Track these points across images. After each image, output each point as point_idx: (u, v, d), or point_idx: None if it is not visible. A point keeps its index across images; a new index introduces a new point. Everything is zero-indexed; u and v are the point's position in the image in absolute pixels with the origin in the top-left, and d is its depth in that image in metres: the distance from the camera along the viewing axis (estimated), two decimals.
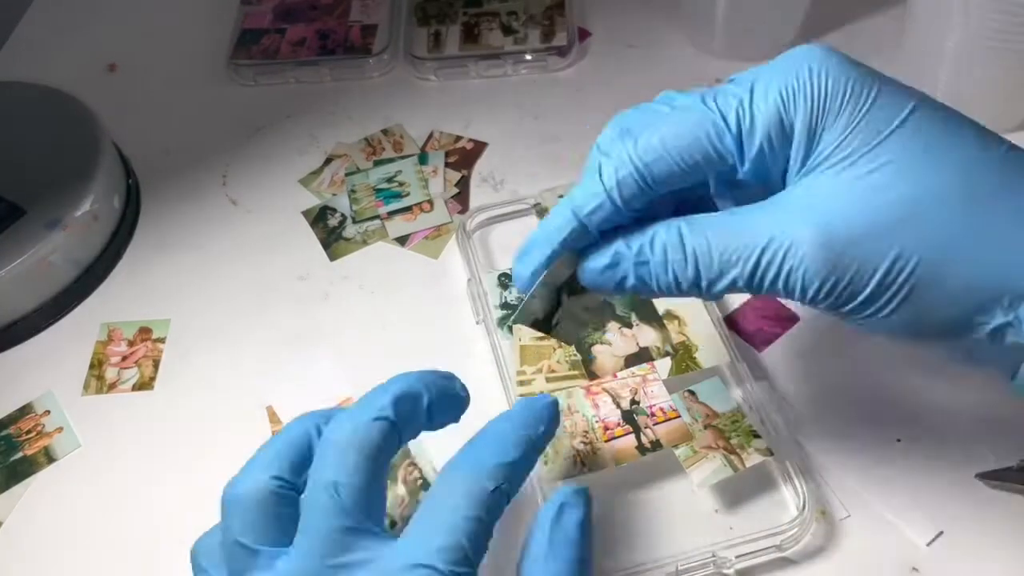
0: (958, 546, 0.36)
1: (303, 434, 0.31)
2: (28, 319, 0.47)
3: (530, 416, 0.32)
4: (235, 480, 0.31)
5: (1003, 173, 0.28)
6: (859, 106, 0.28)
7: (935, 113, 0.29)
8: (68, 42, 0.64)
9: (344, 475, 0.29)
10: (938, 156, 0.27)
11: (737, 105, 0.29)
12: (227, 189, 0.53)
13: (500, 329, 0.43)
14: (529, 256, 0.32)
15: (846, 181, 0.28)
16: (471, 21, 0.60)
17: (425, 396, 0.32)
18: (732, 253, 0.29)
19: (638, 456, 0.37)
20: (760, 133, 0.29)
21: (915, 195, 0.27)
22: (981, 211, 0.27)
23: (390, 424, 0.30)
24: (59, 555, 0.40)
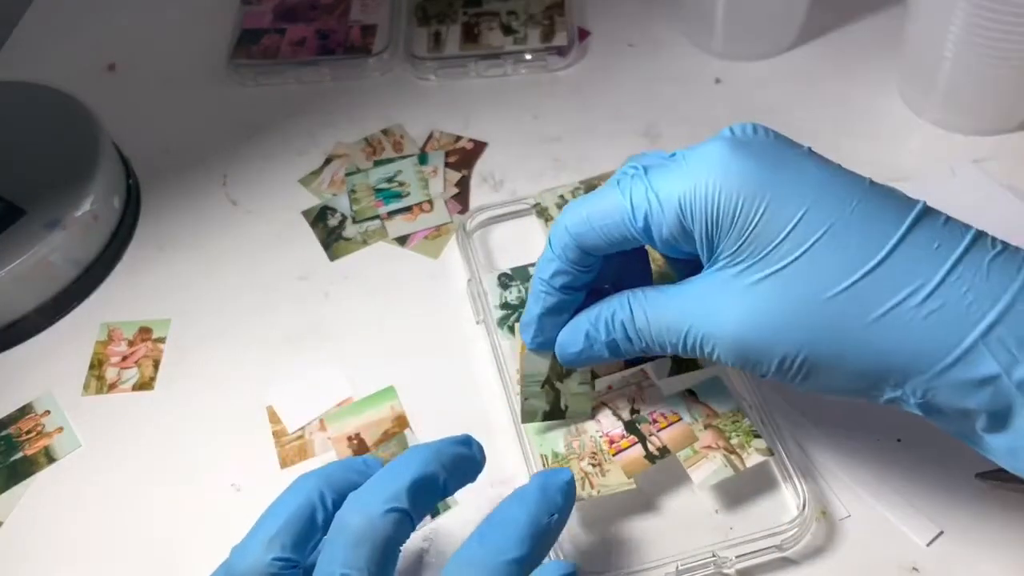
0: (958, 546, 0.36)
1: (307, 505, 0.31)
2: (28, 319, 0.47)
3: (544, 502, 0.31)
4: (237, 553, 0.31)
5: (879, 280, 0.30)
6: (748, 223, 0.31)
7: (822, 218, 0.30)
8: (68, 42, 0.64)
9: (354, 569, 0.29)
10: (821, 264, 0.30)
11: (646, 204, 0.33)
12: (227, 189, 0.53)
13: (500, 329, 0.43)
14: (527, 330, 0.37)
15: (739, 289, 0.31)
16: (471, 21, 0.60)
17: (441, 476, 0.31)
18: (666, 335, 0.34)
19: (648, 465, 0.37)
20: (665, 232, 0.33)
21: (795, 306, 0.30)
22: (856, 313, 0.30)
23: (403, 515, 0.30)
24: (59, 555, 0.40)
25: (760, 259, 0.31)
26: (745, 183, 0.31)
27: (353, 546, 0.29)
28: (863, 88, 0.55)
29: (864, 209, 0.31)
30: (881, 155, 0.51)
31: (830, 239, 0.30)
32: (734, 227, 0.31)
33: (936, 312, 0.29)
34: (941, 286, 0.29)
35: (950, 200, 0.48)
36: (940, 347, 0.29)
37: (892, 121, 0.53)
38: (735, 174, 0.31)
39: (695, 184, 0.32)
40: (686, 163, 0.33)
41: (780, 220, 0.31)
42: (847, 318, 0.30)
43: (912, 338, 0.29)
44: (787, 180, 0.31)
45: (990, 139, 0.51)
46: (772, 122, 0.52)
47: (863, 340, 0.30)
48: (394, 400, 0.43)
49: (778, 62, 0.57)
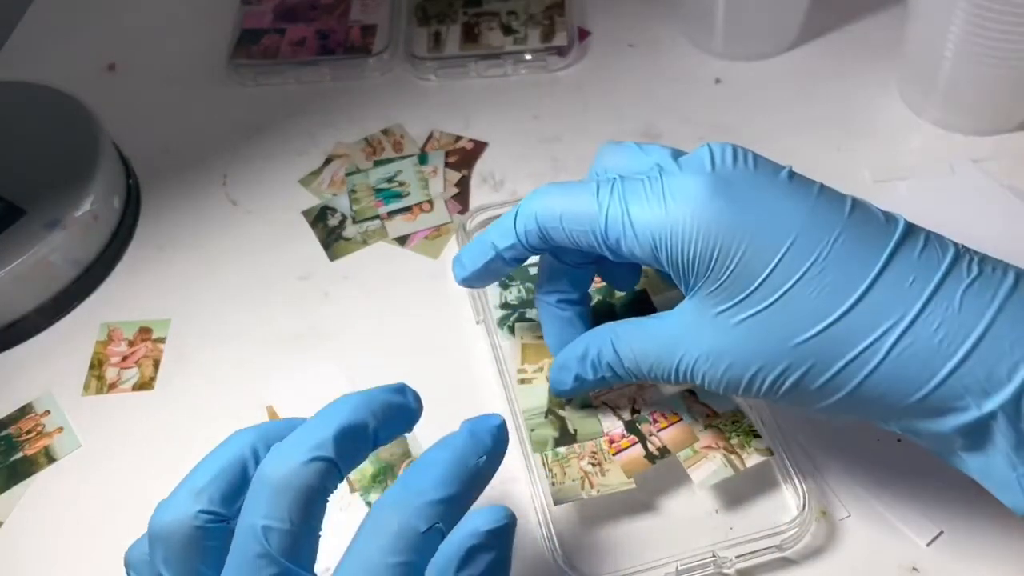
0: (958, 546, 0.36)
1: (238, 459, 0.30)
2: (28, 319, 0.47)
3: (472, 444, 0.30)
4: (163, 506, 0.29)
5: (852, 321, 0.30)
6: (724, 268, 0.31)
7: (800, 260, 0.31)
8: (68, 42, 0.64)
9: (276, 520, 0.27)
10: (797, 307, 0.31)
11: (620, 229, 0.33)
12: (227, 189, 0.53)
13: (500, 329, 0.43)
14: (460, 266, 0.39)
15: (719, 325, 0.32)
16: (471, 21, 0.60)
17: (371, 424, 0.30)
18: (656, 370, 0.34)
19: (649, 465, 0.37)
20: (639, 257, 0.33)
21: (773, 346, 0.31)
22: None
23: (329, 464, 0.28)
24: (59, 555, 0.40)
25: (737, 302, 0.31)
26: (723, 229, 0.31)
27: (274, 496, 0.28)
28: (863, 88, 0.55)
29: (843, 244, 0.31)
30: (881, 155, 0.51)
31: (807, 282, 0.30)
32: (711, 271, 0.32)
33: (908, 350, 0.29)
34: (913, 325, 0.29)
35: (950, 200, 0.48)
36: (912, 384, 0.30)
37: (892, 121, 0.53)
38: (713, 220, 0.31)
39: (671, 226, 0.32)
40: (664, 197, 0.32)
41: (757, 265, 0.31)
42: (824, 357, 0.30)
43: (885, 376, 0.30)
44: (765, 222, 0.31)
45: (990, 139, 0.51)
46: (772, 122, 0.53)
47: (840, 378, 0.31)
48: None
49: (778, 62, 0.57)
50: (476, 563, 0.26)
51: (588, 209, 0.34)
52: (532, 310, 0.43)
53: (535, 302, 0.40)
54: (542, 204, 0.35)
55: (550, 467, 0.37)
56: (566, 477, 0.37)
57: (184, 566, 0.28)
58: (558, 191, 0.35)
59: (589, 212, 0.34)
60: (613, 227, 0.33)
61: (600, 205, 0.34)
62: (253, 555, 0.27)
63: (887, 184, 0.49)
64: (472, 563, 0.26)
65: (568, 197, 0.35)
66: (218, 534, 0.28)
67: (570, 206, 0.34)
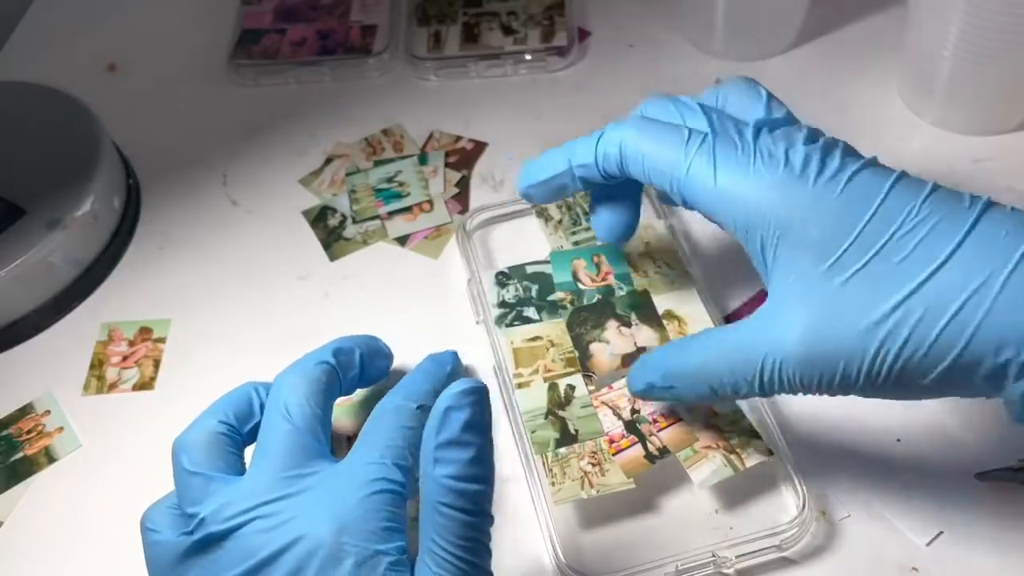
0: (958, 546, 0.36)
1: (245, 393, 0.36)
2: (28, 319, 0.47)
3: (438, 364, 0.40)
4: (184, 432, 0.34)
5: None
6: (812, 233, 0.31)
7: (893, 217, 0.31)
8: (68, 42, 0.64)
9: (295, 403, 0.34)
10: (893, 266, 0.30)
11: (703, 187, 0.33)
12: (227, 189, 0.53)
13: (499, 328, 0.43)
14: (526, 175, 0.39)
15: (820, 290, 0.31)
16: (471, 21, 0.60)
17: (358, 350, 0.38)
18: (738, 370, 0.33)
19: (649, 465, 0.37)
20: (712, 217, 0.34)
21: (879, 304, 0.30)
22: None
23: (331, 367, 0.36)
24: (59, 555, 0.40)
25: (835, 261, 0.31)
26: (809, 206, 0.32)
27: (292, 387, 0.35)
28: (863, 88, 0.55)
29: (931, 202, 0.31)
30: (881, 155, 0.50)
31: (903, 236, 0.30)
32: (802, 237, 0.32)
33: (1020, 291, 0.28)
34: (1017, 268, 0.29)
35: None
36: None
37: (892, 121, 0.53)
38: (799, 198, 0.32)
39: (758, 203, 0.32)
40: (751, 168, 0.33)
41: (849, 225, 0.31)
42: (934, 306, 0.29)
43: (999, 321, 0.28)
44: (854, 192, 0.32)
45: (990, 139, 0.51)
46: None
47: (954, 329, 0.29)
48: None
49: (778, 62, 0.57)
50: (452, 421, 0.30)
51: (674, 158, 0.34)
52: (530, 309, 0.43)
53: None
54: (629, 135, 0.35)
55: (550, 467, 0.37)
56: (566, 477, 0.37)
57: (215, 462, 0.33)
58: (648, 129, 0.35)
59: (674, 161, 0.34)
60: (695, 185, 0.33)
61: (686, 157, 0.34)
62: (281, 429, 0.33)
63: None
64: (449, 421, 0.30)
65: (656, 137, 0.35)
66: (237, 444, 0.35)
67: (656, 148, 0.35)
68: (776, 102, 0.37)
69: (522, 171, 0.40)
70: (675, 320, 0.42)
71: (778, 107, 0.36)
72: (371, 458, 0.32)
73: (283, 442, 0.33)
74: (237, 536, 0.31)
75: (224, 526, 0.31)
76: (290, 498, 0.31)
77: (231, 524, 0.31)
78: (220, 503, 0.31)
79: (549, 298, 0.44)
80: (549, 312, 0.43)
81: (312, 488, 0.32)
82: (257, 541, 0.30)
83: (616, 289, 0.44)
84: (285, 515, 0.31)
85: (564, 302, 0.43)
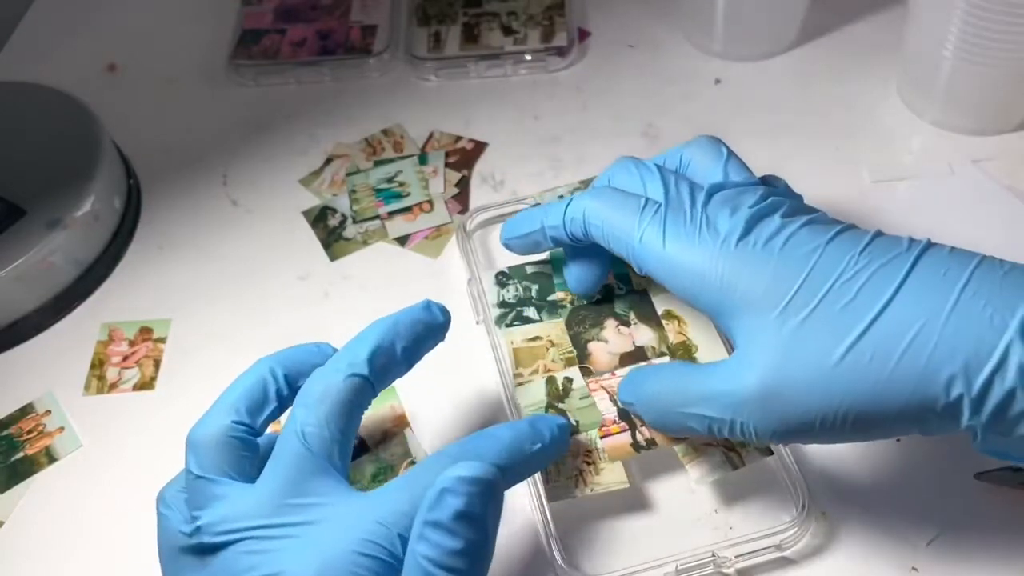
0: (958, 546, 0.36)
1: (260, 380, 0.35)
2: (28, 319, 0.47)
3: (533, 432, 0.34)
4: (197, 424, 0.34)
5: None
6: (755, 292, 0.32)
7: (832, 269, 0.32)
8: (68, 42, 0.64)
9: (312, 423, 0.32)
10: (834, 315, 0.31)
11: (654, 256, 0.35)
12: (227, 189, 0.53)
13: (499, 328, 0.43)
14: (507, 228, 0.42)
15: (783, 336, 0.32)
16: (471, 21, 0.60)
17: (399, 344, 0.35)
18: (713, 411, 0.33)
19: (633, 454, 0.37)
20: (666, 284, 0.36)
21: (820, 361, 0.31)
22: None
23: (363, 381, 0.33)
24: (59, 555, 0.40)
25: (785, 306, 0.32)
26: (752, 269, 0.33)
27: (314, 406, 0.32)
28: (863, 88, 0.55)
29: (869, 252, 0.32)
30: (880, 155, 0.51)
31: (842, 285, 0.31)
32: (750, 302, 0.33)
33: (962, 327, 0.29)
34: (958, 304, 0.29)
35: (950, 200, 0.48)
36: (974, 360, 0.29)
37: (892, 121, 0.53)
38: (742, 265, 0.33)
39: (704, 271, 0.34)
40: (698, 236, 0.34)
41: (787, 283, 0.32)
42: (880, 350, 0.30)
43: (945, 357, 0.29)
44: (792, 251, 0.33)
45: (990, 139, 0.51)
46: (772, 122, 0.53)
47: (903, 369, 0.30)
48: (394, 400, 0.43)
49: (778, 62, 0.57)
50: (444, 505, 0.28)
51: (629, 227, 0.36)
52: (530, 309, 0.43)
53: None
54: (592, 205, 0.37)
55: None
56: (560, 475, 0.37)
57: (223, 467, 0.32)
58: (608, 199, 0.37)
59: (629, 230, 0.36)
60: (647, 254, 0.35)
61: (639, 226, 0.35)
62: (294, 453, 0.32)
63: (886, 184, 0.50)
64: (441, 504, 0.28)
65: (614, 206, 0.37)
66: (249, 444, 0.33)
67: (614, 216, 0.37)
68: (735, 162, 0.38)
69: (504, 225, 0.43)
70: (675, 320, 0.42)
71: (736, 169, 0.38)
72: (384, 515, 0.30)
73: (293, 465, 0.32)
74: (228, 551, 0.31)
75: (217, 539, 0.31)
76: (287, 527, 0.31)
77: (224, 539, 0.31)
78: (219, 515, 0.31)
79: (549, 298, 0.44)
80: (549, 312, 0.43)
81: (312, 522, 0.31)
82: (243, 562, 0.30)
83: (616, 289, 0.44)
84: (276, 543, 0.30)
85: (564, 302, 0.43)
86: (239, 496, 0.32)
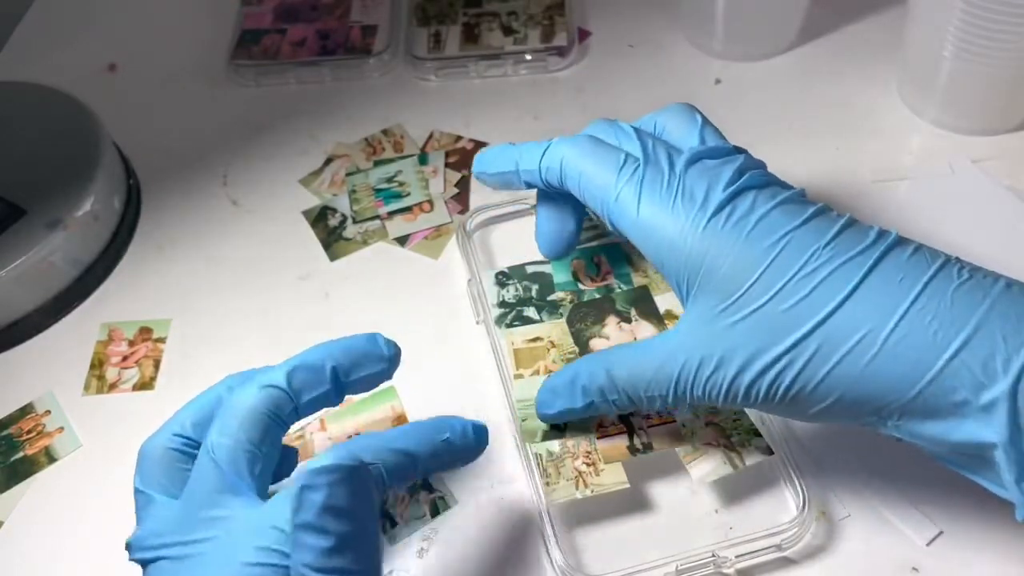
0: (958, 546, 0.36)
1: (215, 395, 0.34)
2: (28, 319, 0.47)
3: (439, 422, 0.33)
4: (149, 438, 0.34)
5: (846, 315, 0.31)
6: (719, 272, 0.32)
7: (791, 262, 0.32)
8: (68, 42, 0.64)
9: (223, 437, 0.31)
10: (790, 307, 0.31)
11: (627, 216, 0.35)
12: (227, 189, 0.53)
13: (499, 328, 0.43)
14: (480, 162, 0.41)
15: (720, 327, 0.32)
16: (471, 21, 0.60)
17: (329, 364, 0.33)
18: (653, 387, 0.34)
19: (628, 456, 0.37)
20: (636, 246, 0.35)
21: (771, 344, 0.31)
22: None
23: (280, 392, 0.32)
24: (59, 555, 0.40)
25: (734, 301, 0.32)
26: (720, 244, 0.33)
27: (224, 418, 0.32)
28: (863, 88, 0.55)
29: (834, 247, 0.32)
30: (881, 155, 0.51)
31: (800, 280, 0.31)
32: (709, 276, 0.33)
33: (903, 341, 0.30)
34: (905, 317, 0.30)
35: (949, 200, 0.48)
36: (908, 377, 0.30)
37: (892, 121, 0.53)
38: (713, 238, 0.33)
39: (672, 238, 0.33)
40: (674, 203, 0.34)
41: (751, 267, 0.32)
42: (822, 349, 0.31)
43: (882, 368, 0.30)
44: (759, 233, 0.33)
45: (990, 139, 0.51)
46: (772, 122, 0.53)
47: (839, 372, 0.31)
48: (394, 400, 0.43)
49: (778, 62, 0.57)
50: (308, 503, 0.27)
51: (606, 182, 0.35)
52: (530, 309, 0.43)
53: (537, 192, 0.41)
54: (570, 154, 0.37)
55: (544, 467, 0.37)
56: (560, 477, 0.37)
57: (159, 481, 0.32)
58: (589, 150, 0.36)
59: (606, 185, 0.35)
60: (621, 213, 0.35)
61: (617, 183, 0.35)
62: (204, 468, 0.31)
63: (887, 184, 0.49)
64: (305, 502, 0.27)
65: (594, 159, 0.36)
66: (188, 459, 0.33)
67: (592, 169, 0.36)
68: (710, 130, 0.37)
69: (477, 157, 0.42)
70: (675, 320, 0.42)
71: (712, 135, 0.37)
72: (279, 521, 0.29)
73: (204, 479, 0.31)
74: (151, 568, 0.31)
75: (143, 555, 0.31)
76: (196, 543, 0.30)
77: (147, 556, 0.31)
78: (146, 531, 0.31)
79: (549, 298, 0.44)
80: (549, 312, 0.43)
81: (215, 538, 0.30)
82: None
83: (616, 288, 0.44)
84: (186, 561, 0.30)
85: (564, 302, 0.43)
86: (164, 511, 0.31)
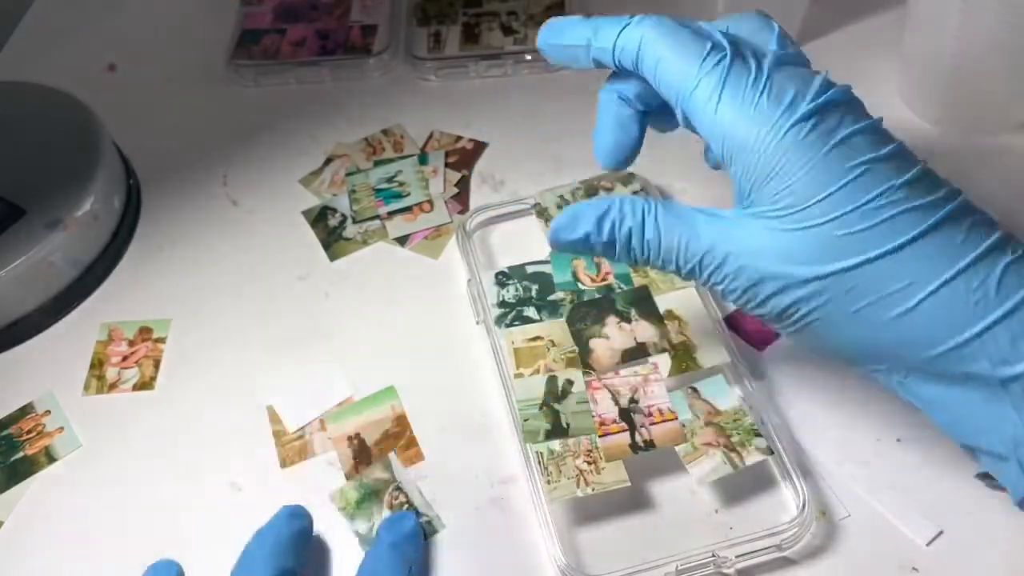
0: (958, 546, 0.36)
1: None
2: (28, 319, 0.47)
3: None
4: None
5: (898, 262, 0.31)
6: (786, 185, 0.31)
7: (859, 195, 0.31)
8: (68, 42, 0.64)
9: None
10: (844, 237, 0.31)
11: (704, 111, 0.32)
12: (227, 189, 0.53)
13: (499, 328, 0.43)
14: (550, 32, 0.37)
15: (765, 228, 0.32)
16: (471, 21, 0.60)
17: (292, 565, 0.36)
18: (678, 254, 0.33)
19: (629, 454, 0.37)
20: (708, 141, 0.33)
21: (820, 264, 0.31)
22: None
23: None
24: (59, 555, 0.40)
25: (795, 211, 0.31)
26: (797, 155, 0.31)
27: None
28: (863, 88, 0.54)
29: (904, 190, 0.31)
30: None
31: (863, 213, 0.30)
32: (776, 184, 0.31)
33: (943, 301, 0.29)
34: (954, 279, 0.30)
35: None
36: (938, 336, 0.30)
37: (892, 121, 0.53)
38: (790, 147, 0.31)
39: (750, 140, 0.31)
40: (756, 104, 0.32)
41: (819, 185, 0.31)
42: (863, 286, 0.30)
43: (915, 321, 0.30)
44: (838, 153, 0.31)
45: (990, 139, 0.51)
46: None
47: (871, 311, 0.30)
48: (394, 400, 0.43)
49: None
50: None
51: (686, 72, 0.33)
52: (530, 309, 0.43)
53: (599, 93, 0.38)
54: (651, 36, 0.34)
55: (545, 465, 0.37)
56: (561, 475, 0.37)
57: None
58: (671, 34, 0.33)
59: (685, 75, 0.33)
60: (697, 105, 0.33)
61: (699, 73, 0.32)
62: None
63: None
64: None
65: (676, 45, 0.33)
66: None
67: (673, 56, 0.33)
68: (789, 39, 0.35)
69: (544, 26, 0.37)
70: (675, 320, 0.42)
71: (791, 43, 0.35)
72: None
73: None
74: None
75: None
76: None
77: None
78: None
79: (549, 298, 0.44)
80: (549, 312, 0.43)
81: None
82: None
83: (616, 288, 0.44)
84: None
85: (564, 302, 0.43)
86: None
